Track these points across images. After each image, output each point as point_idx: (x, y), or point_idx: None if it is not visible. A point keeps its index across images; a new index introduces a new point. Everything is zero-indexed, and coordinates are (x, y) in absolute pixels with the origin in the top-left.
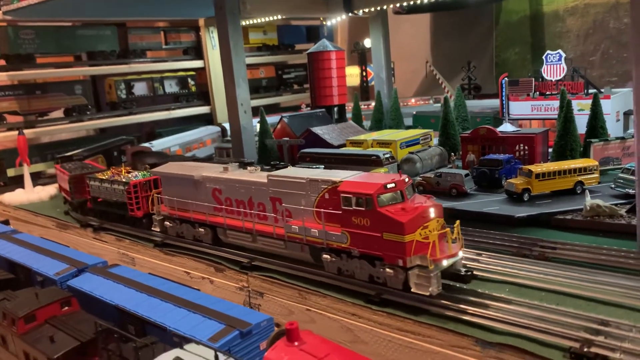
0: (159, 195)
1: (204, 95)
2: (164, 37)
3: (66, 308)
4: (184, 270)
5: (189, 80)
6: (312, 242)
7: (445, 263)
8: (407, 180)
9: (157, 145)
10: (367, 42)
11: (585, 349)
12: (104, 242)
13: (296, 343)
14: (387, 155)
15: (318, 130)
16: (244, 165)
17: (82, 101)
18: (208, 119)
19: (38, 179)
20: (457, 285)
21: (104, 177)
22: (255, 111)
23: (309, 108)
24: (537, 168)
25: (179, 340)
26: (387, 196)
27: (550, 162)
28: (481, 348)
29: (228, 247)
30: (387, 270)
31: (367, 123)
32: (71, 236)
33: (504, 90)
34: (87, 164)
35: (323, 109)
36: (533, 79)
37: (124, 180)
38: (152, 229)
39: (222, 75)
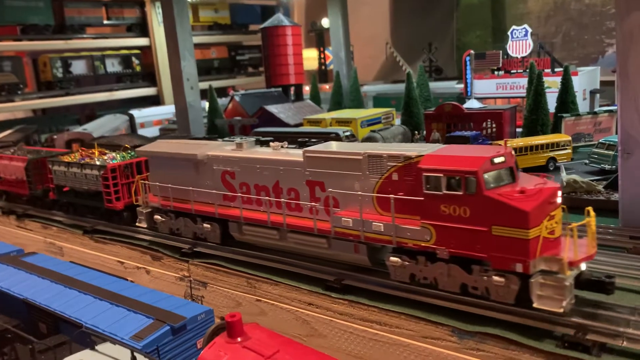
0: (145, 182)
1: (149, 76)
2: (105, 12)
3: None
4: (117, 260)
5: (133, 59)
6: (374, 240)
7: (583, 267)
8: (513, 153)
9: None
10: (325, 23)
11: (581, 336)
12: (28, 230)
13: (239, 339)
14: (347, 134)
15: (273, 108)
16: (263, 142)
17: (12, 79)
18: (155, 101)
19: None
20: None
21: (71, 160)
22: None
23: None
24: (509, 144)
25: (96, 340)
26: (494, 175)
27: (521, 138)
28: (458, 338)
29: (239, 245)
30: (495, 278)
31: (325, 106)
32: None
33: (468, 67)
34: (39, 149)
35: (279, 89)
36: (501, 52)
37: (98, 163)
38: (137, 224)
39: (166, 48)
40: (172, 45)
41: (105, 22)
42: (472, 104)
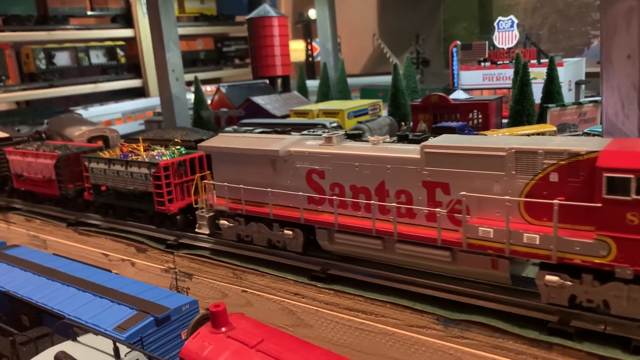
0: (209, 182)
1: (134, 68)
2: (89, 3)
3: None
4: (101, 252)
5: (118, 50)
6: (523, 255)
7: None
8: None
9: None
10: (312, 14)
11: (565, 323)
12: (11, 223)
13: (223, 329)
14: (334, 125)
15: (259, 100)
16: (352, 135)
17: None
18: (140, 93)
19: None
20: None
21: (112, 157)
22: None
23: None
24: (494, 134)
25: (78, 331)
26: None
27: (507, 128)
28: (444, 327)
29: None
30: None
31: (312, 99)
32: None
33: (455, 58)
34: (66, 144)
35: (265, 80)
36: (487, 42)
37: (147, 160)
38: (197, 230)
39: (151, 39)
40: (156, 36)
41: (89, 13)
42: (458, 94)
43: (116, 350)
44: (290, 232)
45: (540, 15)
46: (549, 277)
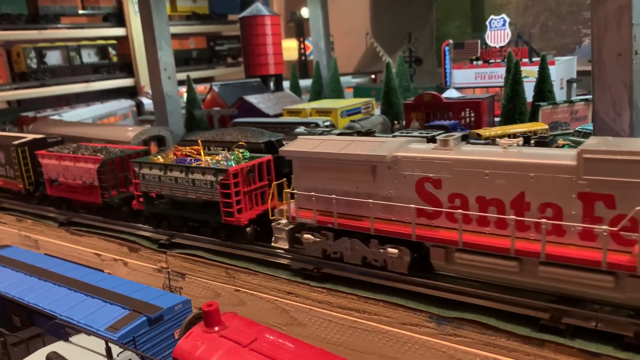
0: (290, 191)
1: (127, 67)
2: (80, 1)
3: None
4: (94, 252)
5: (110, 49)
6: None
7: None
8: None
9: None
10: (305, 12)
11: (557, 320)
12: (2, 223)
13: (216, 328)
14: (327, 124)
15: (252, 99)
16: (465, 137)
17: None
18: (132, 92)
19: None
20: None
21: (168, 162)
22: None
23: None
24: (486, 132)
25: (70, 331)
26: None
27: (499, 126)
28: (436, 324)
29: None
30: None
31: (305, 98)
32: None
33: (447, 57)
34: (106, 146)
35: (258, 79)
36: (479, 41)
37: (212, 166)
38: (273, 244)
39: (143, 38)
40: (148, 35)
41: (81, 11)
42: (450, 93)
43: (108, 350)
44: (395, 251)
45: (532, 14)
46: None
